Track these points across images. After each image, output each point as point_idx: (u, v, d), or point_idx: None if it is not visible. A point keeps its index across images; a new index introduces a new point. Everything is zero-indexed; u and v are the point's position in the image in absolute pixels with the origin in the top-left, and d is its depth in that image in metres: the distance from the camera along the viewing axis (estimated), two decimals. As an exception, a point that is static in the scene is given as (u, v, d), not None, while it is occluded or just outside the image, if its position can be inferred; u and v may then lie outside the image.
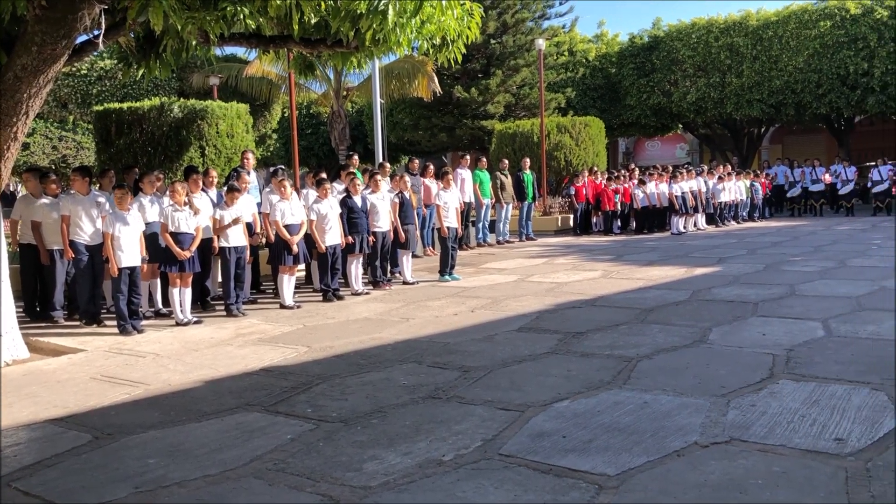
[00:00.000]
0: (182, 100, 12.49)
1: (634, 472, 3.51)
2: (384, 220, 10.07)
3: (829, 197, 22.50)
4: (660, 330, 6.68)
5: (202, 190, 8.82)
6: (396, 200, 10.59)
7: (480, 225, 15.68)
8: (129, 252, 7.55)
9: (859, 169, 23.03)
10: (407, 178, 11.56)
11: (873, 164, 22.65)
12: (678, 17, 29.55)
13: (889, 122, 27.83)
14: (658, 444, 3.85)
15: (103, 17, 6.11)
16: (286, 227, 8.81)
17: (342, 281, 9.77)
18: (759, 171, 23.18)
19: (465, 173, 14.81)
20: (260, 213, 9.49)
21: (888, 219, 19.70)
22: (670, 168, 19.48)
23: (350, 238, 9.53)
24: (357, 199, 9.76)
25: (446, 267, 10.58)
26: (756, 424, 4.09)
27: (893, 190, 21.78)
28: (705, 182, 18.92)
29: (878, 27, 23.49)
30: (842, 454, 3.63)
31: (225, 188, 8.94)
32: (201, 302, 8.83)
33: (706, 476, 3.44)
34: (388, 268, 10.53)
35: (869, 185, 22.22)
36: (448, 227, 10.57)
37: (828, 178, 22.19)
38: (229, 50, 22.67)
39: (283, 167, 10.43)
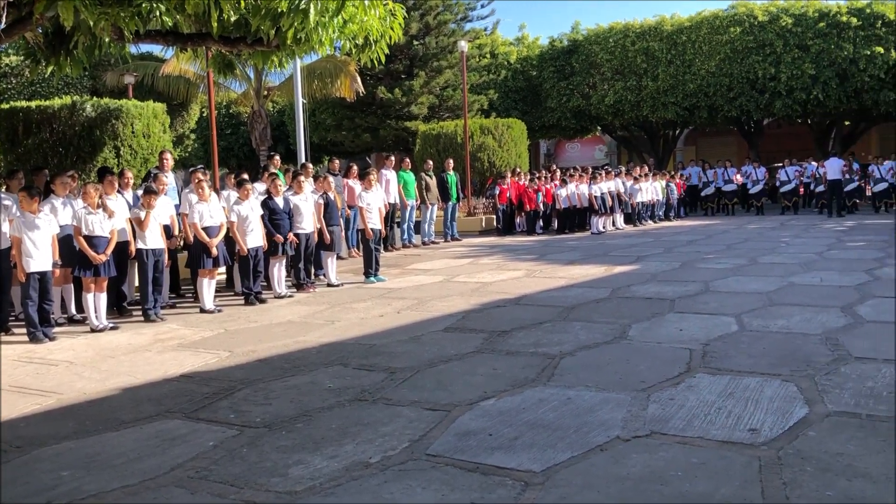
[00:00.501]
0: (95, 98, 12.08)
1: (559, 468, 3.57)
2: (307, 222, 9.94)
3: (741, 196, 23.40)
4: (582, 327, 6.81)
5: (118, 192, 8.55)
6: (321, 202, 10.48)
7: (405, 226, 15.66)
8: (40, 256, 7.23)
9: (768, 169, 24.04)
10: (331, 178, 11.46)
11: (781, 164, 23.70)
12: (596, 22, 30.23)
13: (795, 125, 29.17)
14: (581, 440, 3.92)
15: (6, 10, 5.84)
16: (205, 229, 8.62)
17: (265, 284, 9.61)
18: (674, 172, 23.94)
19: (389, 174, 14.76)
20: (178, 214, 9.26)
21: (796, 217, 20.62)
22: (590, 169, 19.92)
23: (280, 237, 9.42)
24: (279, 201, 9.62)
25: (371, 268, 10.53)
26: (675, 417, 4.22)
27: (800, 190, 22.84)
28: (623, 183, 19.40)
29: (784, 34, 24.58)
30: (755, 444, 3.78)
31: (141, 190, 8.68)
32: (117, 307, 8.55)
33: (628, 469, 3.52)
34: (312, 270, 10.41)
35: (777, 184, 23.23)
36: (372, 229, 10.52)
37: (739, 178, 23.09)
38: (145, 48, 22.08)
39: (202, 166, 10.18)
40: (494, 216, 18.82)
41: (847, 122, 27.89)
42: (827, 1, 24.97)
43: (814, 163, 22.76)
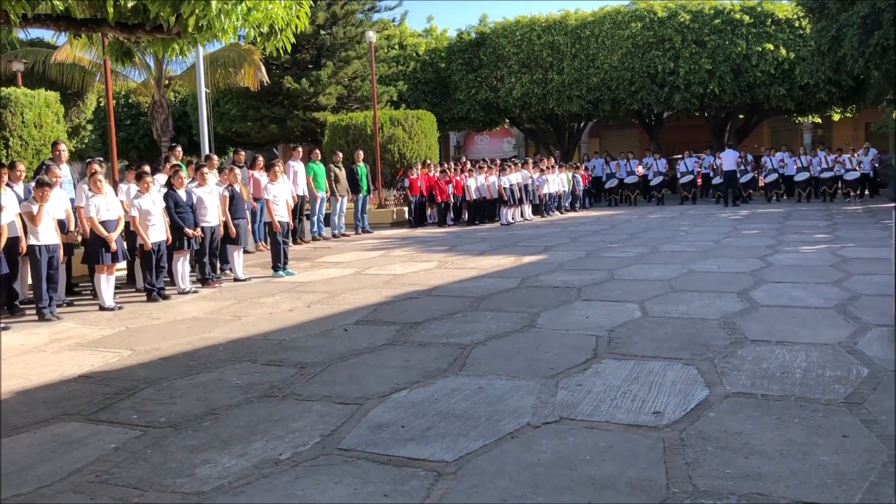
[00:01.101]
0: (-21, 86, 11.42)
1: (471, 457, 3.60)
2: (212, 215, 9.68)
3: (642, 187, 24.15)
4: (492, 317, 6.89)
5: (7, 185, 8.10)
6: (226, 194, 10.22)
7: (315, 218, 15.46)
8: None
9: (668, 161, 24.90)
10: (237, 170, 11.18)
11: (680, 156, 24.61)
12: (503, 15, 30.59)
13: (693, 118, 30.27)
14: (493, 428, 3.96)
15: None
16: (102, 223, 8.27)
17: (168, 279, 9.30)
18: (579, 164, 24.50)
19: (297, 166, 14.53)
20: (74, 208, 8.85)
21: (694, 207, 21.43)
22: (499, 161, 20.16)
23: (190, 231, 9.14)
24: (182, 193, 9.32)
25: (279, 262, 10.34)
26: (583, 403, 4.31)
27: (698, 180, 23.75)
28: (530, 174, 19.71)
29: (682, 30, 25.47)
30: (660, 426, 3.91)
31: (34, 182, 8.25)
32: (8, 306, 8.11)
33: (539, 455, 3.58)
34: (218, 264, 10.15)
35: (677, 175, 24.09)
36: (279, 221, 10.33)
37: (641, 170, 23.83)
38: (35, 33, 20.92)
39: (99, 158, 9.75)
40: (406, 208, 18.81)
41: (741, 116, 29.15)
42: (721, -1, 26.03)
43: (711, 154, 23.71)
